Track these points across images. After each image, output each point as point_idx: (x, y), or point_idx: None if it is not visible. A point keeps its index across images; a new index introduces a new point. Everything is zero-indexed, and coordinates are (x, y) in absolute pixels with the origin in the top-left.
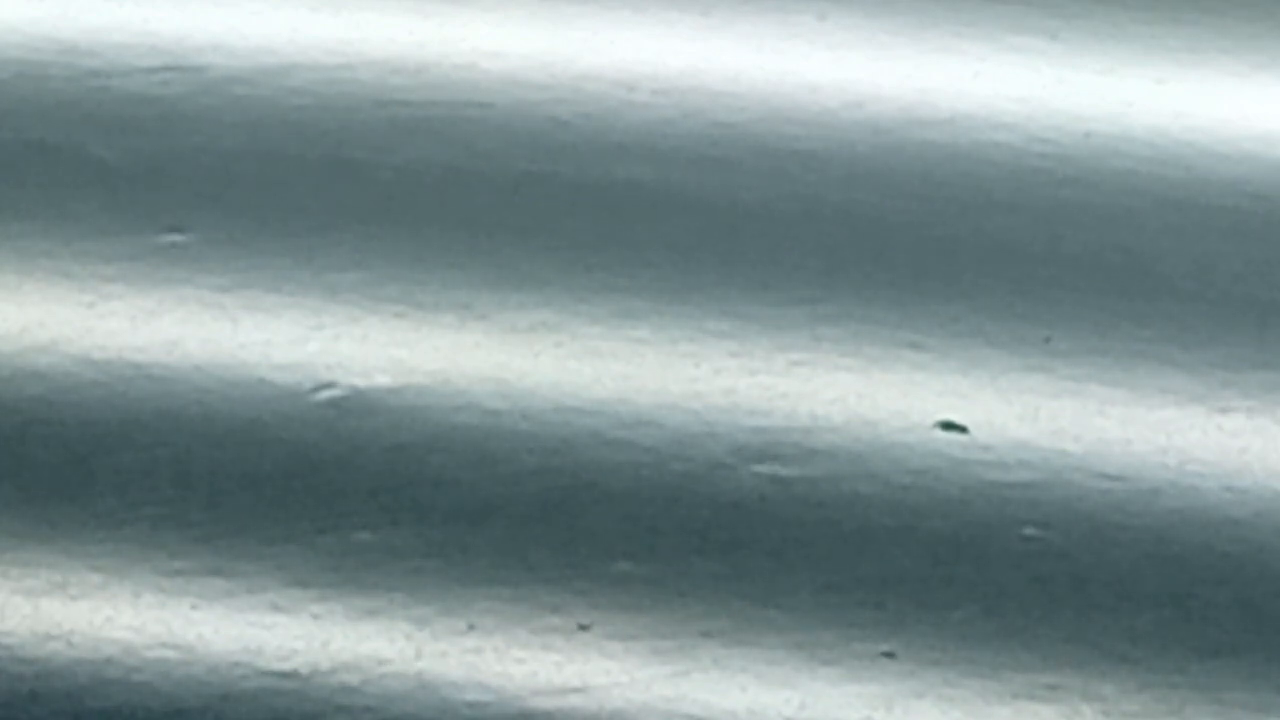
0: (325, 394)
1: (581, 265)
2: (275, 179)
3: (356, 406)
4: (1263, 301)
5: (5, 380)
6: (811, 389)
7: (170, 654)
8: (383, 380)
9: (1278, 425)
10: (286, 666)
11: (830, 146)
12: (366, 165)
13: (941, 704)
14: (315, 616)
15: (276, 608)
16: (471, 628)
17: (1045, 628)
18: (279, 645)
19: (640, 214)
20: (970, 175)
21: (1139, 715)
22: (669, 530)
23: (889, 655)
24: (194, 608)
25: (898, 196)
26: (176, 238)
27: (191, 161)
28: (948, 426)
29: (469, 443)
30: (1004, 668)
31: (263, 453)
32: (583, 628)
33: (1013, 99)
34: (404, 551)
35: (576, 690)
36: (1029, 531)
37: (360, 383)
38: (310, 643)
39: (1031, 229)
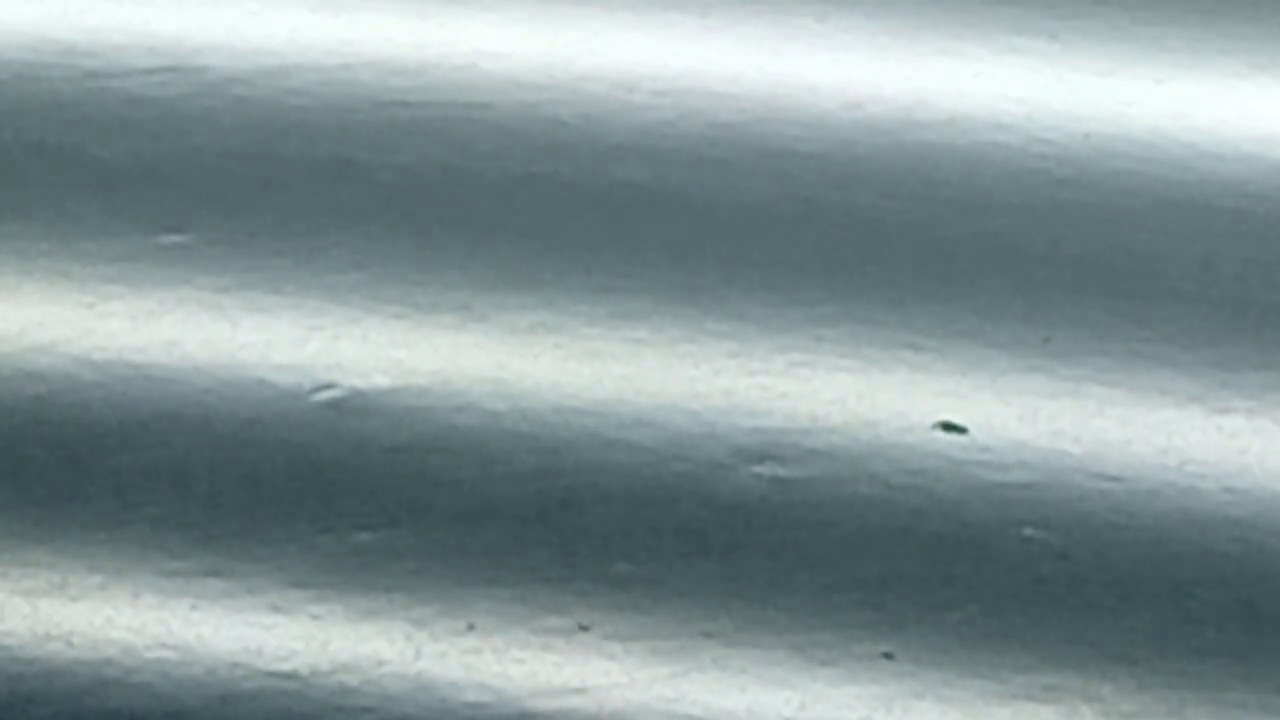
0: (325, 394)
1: (581, 265)
2: (275, 179)
3: (356, 407)
4: (1263, 301)
5: (5, 380)
6: (811, 389)
7: (170, 654)
8: (382, 381)
9: (1277, 426)
10: (286, 667)
11: (830, 147)
12: (366, 165)
13: (941, 704)
14: (315, 617)
15: (276, 608)
16: (471, 628)
17: (1045, 628)
18: (279, 645)
19: (640, 215)
20: (970, 175)
21: (1139, 715)
22: (669, 530)
23: (888, 656)
24: (194, 608)
25: (898, 197)
26: (176, 238)
27: (191, 162)
28: (947, 427)
29: (469, 443)
30: (1003, 668)
31: (263, 453)
32: (583, 628)
33: (1013, 99)
34: (404, 551)
35: (576, 691)
36: (1029, 532)
37: (360, 383)
38: (310, 643)
39: (1031, 229)
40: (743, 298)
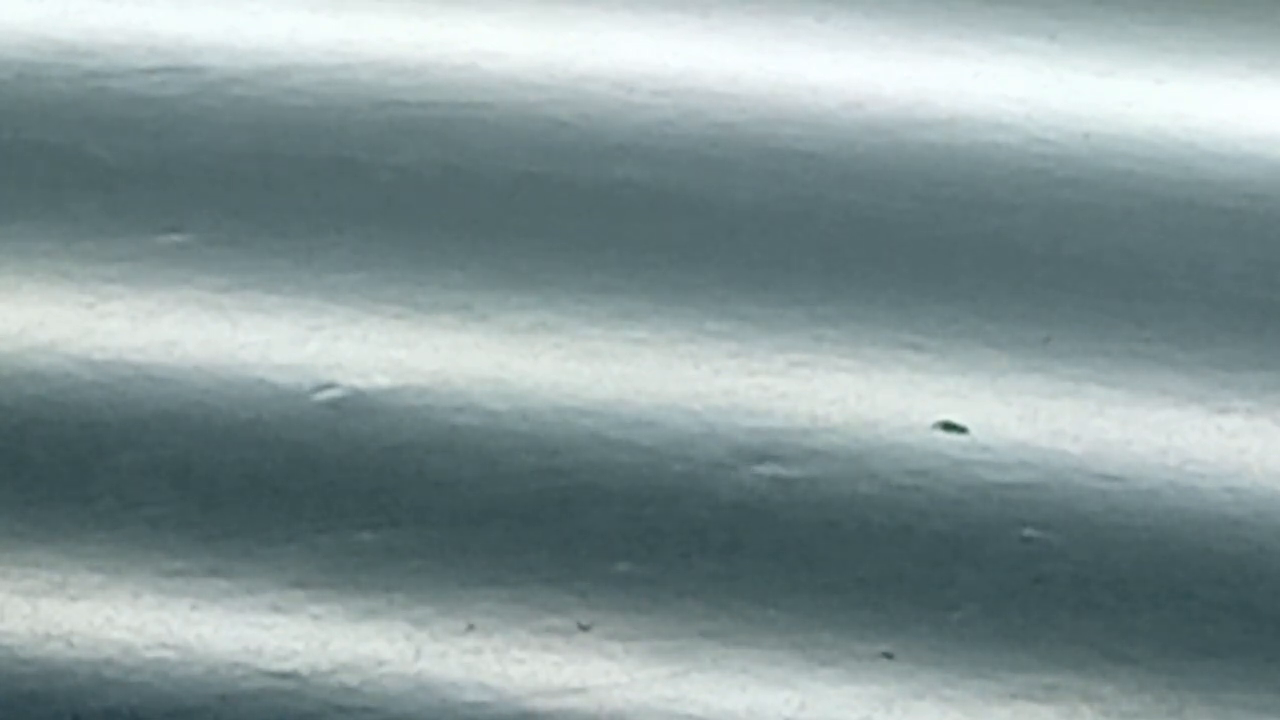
0: (325, 394)
1: (581, 265)
2: (275, 179)
3: (356, 406)
4: (1263, 301)
5: (5, 380)
6: (811, 389)
7: (170, 654)
8: (383, 380)
9: (1277, 425)
10: (286, 667)
11: (830, 147)
12: (366, 165)
13: (941, 704)
14: (315, 617)
15: (276, 608)
16: (471, 628)
17: (1045, 628)
18: (279, 645)
19: (640, 215)
20: (970, 175)
21: (1139, 715)
22: (669, 530)
23: (889, 656)
24: (194, 608)
25: (897, 197)
26: (176, 238)
27: (191, 162)
28: (948, 427)
29: (469, 443)
30: (1003, 668)
31: (263, 453)
32: (583, 628)
33: (1013, 99)
34: (404, 551)
35: (576, 690)
36: (1029, 532)
37: (360, 383)
38: (310, 643)
39: (1031, 229)
40: (743, 298)
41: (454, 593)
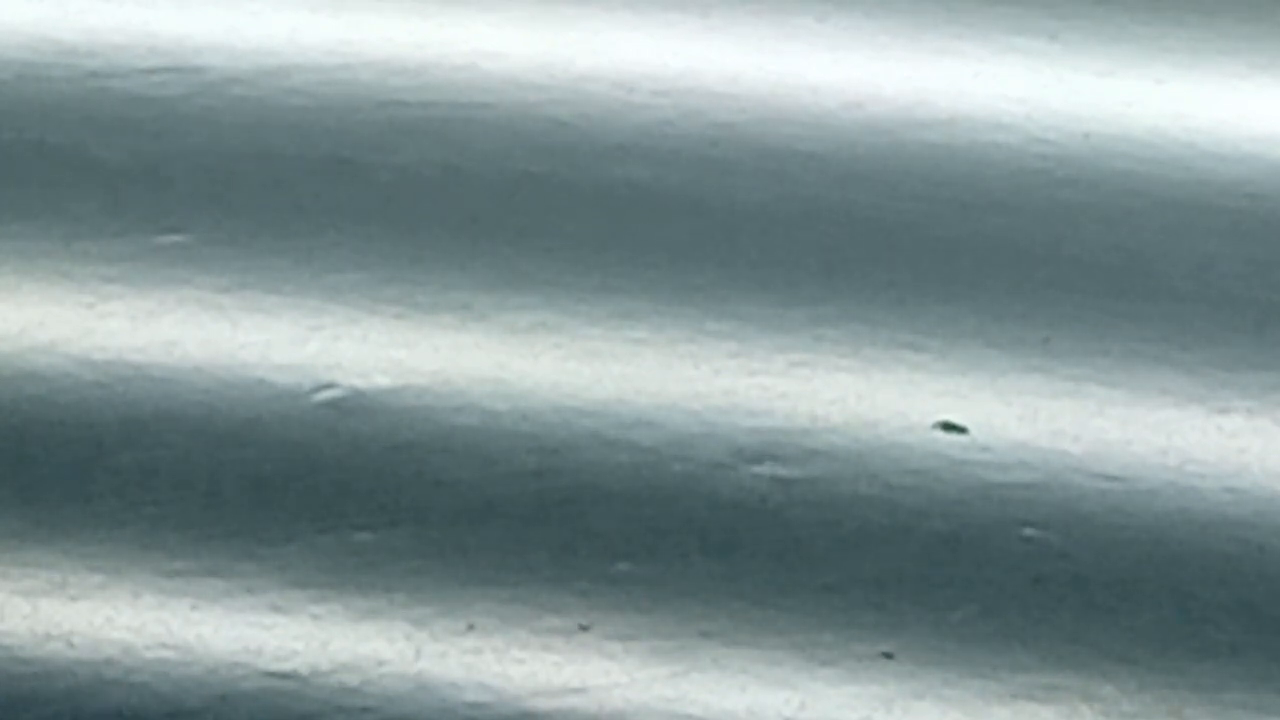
0: (325, 394)
1: (581, 265)
2: (275, 179)
3: (356, 406)
4: (1263, 301)
5: (5, 380)
6: (811, 389)
7: (170, 654)
8: (382, 380)
9: (1277, 425)
10: (286, 667)
11: (830, 147)
12: (366, 165)
13: (941, 704)
14: (315, 617)
15: (276, 608)
16: (471, 628)
17: (1045, 628)
18: (279, 645)
19: (640, 215)
20: (970, 175)
21: (1139, 715)
22: (669, 530)
23: (889, 655)
24: (194, 608)
25: (898, 197)
26: (176, 238)
27: (191, 162)
28: (948, 427)
29: (469, 443)
30: (1003, 668)
31: (263, 453)
32: (583, 628)
33: (1013, 99)
34: (404, 551)
35: (576, 690)
36: (1029, 532)
37: (360, 383)
38: (310, 643)
39: (1031, 229)
40: (743, 298)
41: (454, 593)
